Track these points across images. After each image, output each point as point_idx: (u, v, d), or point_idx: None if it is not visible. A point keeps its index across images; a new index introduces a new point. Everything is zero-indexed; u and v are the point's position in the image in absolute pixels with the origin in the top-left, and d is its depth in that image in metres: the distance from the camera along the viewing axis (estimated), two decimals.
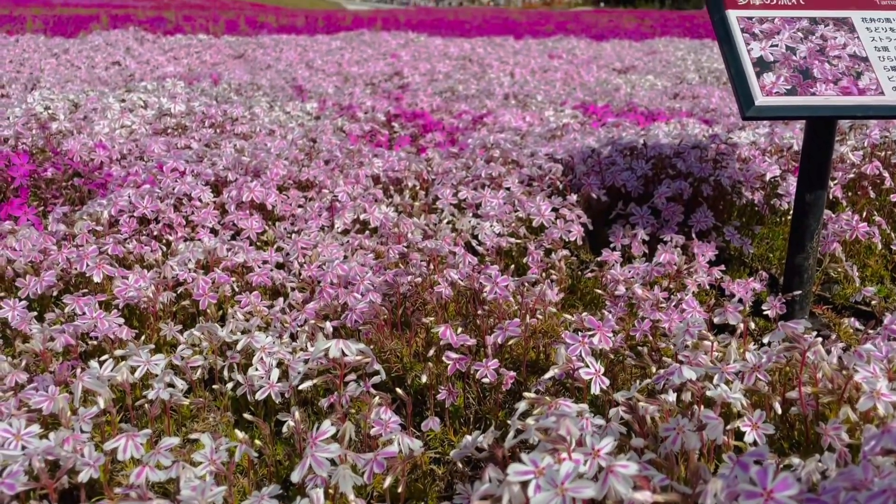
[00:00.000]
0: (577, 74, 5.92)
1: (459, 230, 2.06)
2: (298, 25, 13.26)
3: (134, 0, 30.97)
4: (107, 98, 2.94)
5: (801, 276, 1.96)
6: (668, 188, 2.15)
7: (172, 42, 6.71)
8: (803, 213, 1.90)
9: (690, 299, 1.68)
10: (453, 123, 3.17)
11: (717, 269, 1.98)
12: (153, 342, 1.57)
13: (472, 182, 2.28)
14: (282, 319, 1.55)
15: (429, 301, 1.54)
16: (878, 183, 2.35)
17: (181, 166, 2.14)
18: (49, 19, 11.39)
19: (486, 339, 1.38)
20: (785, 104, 1.66)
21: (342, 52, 6.04)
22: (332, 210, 2.09)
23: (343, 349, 1.26)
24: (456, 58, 6.11)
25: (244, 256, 1.75)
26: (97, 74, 5.02)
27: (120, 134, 2.63)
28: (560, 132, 2.83)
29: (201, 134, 2.58)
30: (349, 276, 1.60)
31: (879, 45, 1.77)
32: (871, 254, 2.24)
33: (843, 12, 1.83)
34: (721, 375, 1.22)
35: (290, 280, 1.76)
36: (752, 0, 1.83)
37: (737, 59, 1.73)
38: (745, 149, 2.44)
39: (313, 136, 2.75)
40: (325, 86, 4.66)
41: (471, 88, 4.57)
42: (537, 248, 1.99)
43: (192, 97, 3.12)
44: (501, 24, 15.44)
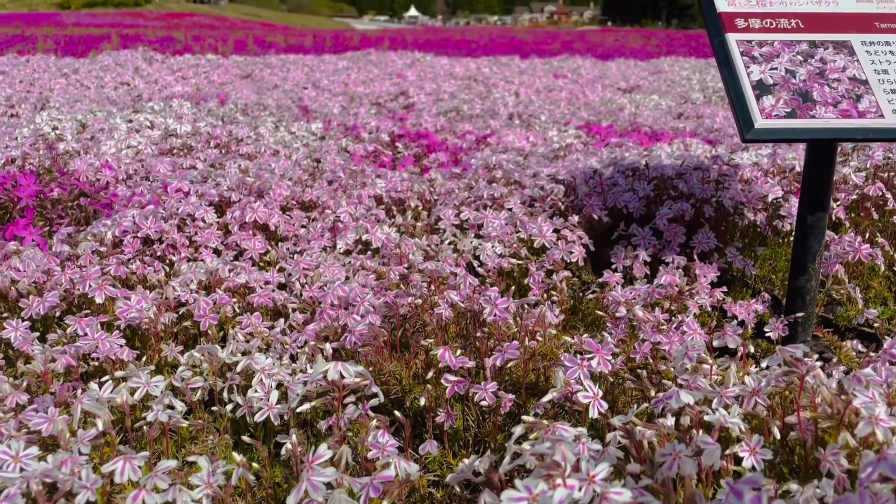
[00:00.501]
0: (582, 94, 5.95)
1: (461, 251, 2.07)
2: (306, 45, 13.40)
3: (145, 20, 31.41)
4: (114, 118, 2.97)
5: (803, 297, 1.96)
6: (669, 209, 2.15)
7: (181, 62, 6.79)
8: (805, 235, 1.90)
9: (691, 321, 1.68)
10: (457, 144, 3.19)
11: (719, 290, 1.98)
12: (154, 363, 1.57)
13: (474, 203, 2.29)
14: (282, 341, 1.56)
15: (429, 323, 1.54)
16: (881, 204, 2.35)
17: (185, 187, 2.16)
18: (60, 39, 11.55)
19: (485, 361, 1.38)
20: (784, 127, 1.67)
21: (348, 72, 6.10)
22: (334, 230, 2.10)
23: (342, 371, 1.26)
24: (461, 77, 6.16)
25: (246, 277, 1.76)
26: (106, 94, 5.07)
27: (126, 154, 2.66)
28: (563, 152, 2.84)
29: (206, 154, 2.61)
30: (349, 297, 1.60)
31: (879, 69, 1.77)
32: (875, 275, 2.24)
33: (842, 35, 1.84)
34: (720, 399, 1.22)
35: (292, 301, 1.76)
36: (752, 24, 1.85)
37: (736, 82, 1.74)
38: (748, 170, 2.44)
39: (317, 157, 2.77)
40: (330, 105, 4.69)
41: (475, 108, 4.60)
42: (539, 269, 2.00)
43: (199, 117, 3.15)
44: (508, 44, 15.55)
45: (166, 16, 35.34)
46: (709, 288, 1.98)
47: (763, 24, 1.85)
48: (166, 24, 28.78)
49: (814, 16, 1.88)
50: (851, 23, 1.87)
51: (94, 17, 32.34)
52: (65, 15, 32.79)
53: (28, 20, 27.81)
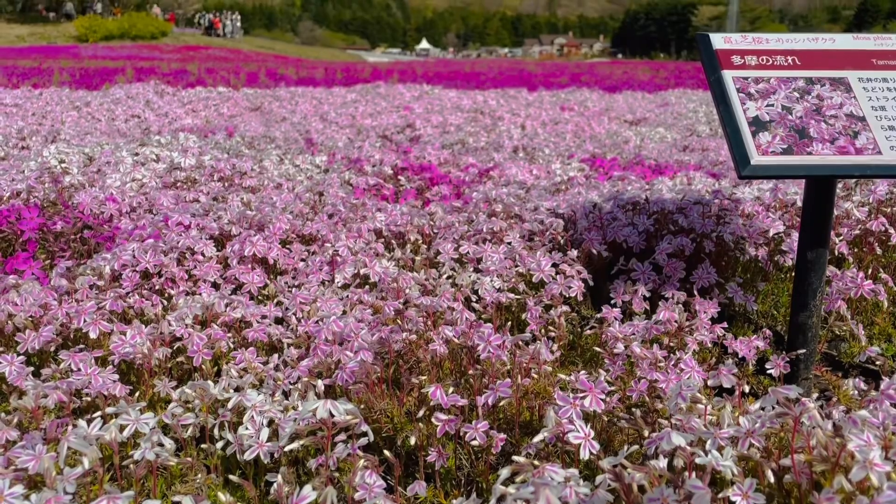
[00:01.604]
0: (588, 126, 5.98)
1: (459, 285, 2.07)
2: (317, 78, 13.58)
3: (161, 53, 31.97)
4: (120, 151, 3.01)
5: (804, 334, 1.94)
6: (669, 244, 2.14)
7: (191, 95, 6.89)
8: (805, 271, 1.89)
9: (689, 359, 1.66)
10: (460, 176, 3.20)
11: (719, 326, 1.96)
12: (147, 399, 1.57)
13: (473, 236, 2.29)
14: (275, 376, 1.55)
15: (422, 359, 1.53)
16: (884, 239, 2.33)
17: (186, 220, 2.18)
18: (76, 72, 11.76)
19: (477, 399, 1.36)
20: (780, 163, 1.66)
21: (356, 105, 6.17)
22: (332, 264, 2.10)
23: (331, 410, 1.26)
24: (468, 110, 6.21)
25: (242, 311, 1.76)
26: (117, 127, 5.15)
27: (131, 187, 2.69)
28: (565, 186, 2.84)
29: (209, 187, 2.63)
30: (344, 332, 1.60)
31: (876, 105, 1.77)
32: (879, 311, 2.21)
33: (839, 72, 1.84)
34: (714, 441, 1.20)
35: (288, 336, 1.76)
36: (748, 61, 1.86)
37: (732, 119, 1.74)
38: (749, 204, 2.44)
39: (320, 190, 2.79)
40: (337, 138, 4.74)
41: (481, 141, 4.63)
42: (537, 304, 1.99)
43: (205, 150, 3.19)
44: (517, 76, 15.69)
45: (182, 48, 35.98)
46: (709, 324, 1.96)
47: (759, 61, 1.86)
48: (182, 56, 29.28)
49: (810, 53, 1.88)
50: (848, 60, 1.87)
51: (111, 49, 32.97)
52: (83, 48, 33.45)
53: (46, 53, 28.38)
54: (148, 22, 43.27)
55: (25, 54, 27.15)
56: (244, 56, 33.83)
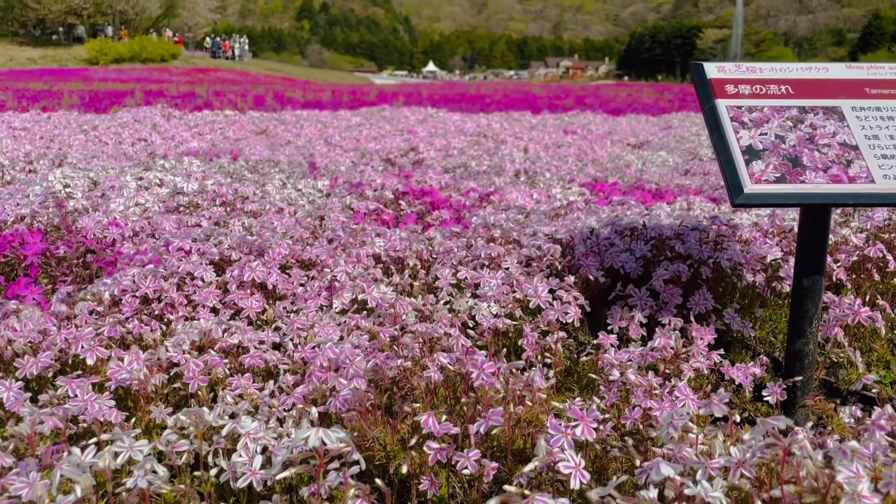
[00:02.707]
0: (591, 150, 6.01)
1: (456, 311, 2.07)
2: (324, 100, 13.70)
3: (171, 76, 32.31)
4: (125, 176, 3.05)
5: (801, 361, 1.94)
6: (665, 270, 2.15)
7: (198, 118, 6.97)
8: (801, 298, 1.90)
9: (683, 386, 1.66)
10: (461, 201, 3.22)
11: (716, 352, 1.96)
12: (143, 425, 1.58)
13: (472, 262, 2.30)
14: (269, 403, 1.56)
15: (416, 387, 1.54)
16: (882, 266, 2.33)
17: (186, 246, 2.20)
18: (85, 94, 11.90)
19: (470, 427, 1.37)
20: (774, 192, 1.68)
21: (360, 129, 6.22)
22: (331, 289, 2.11)
23: (323, 438, 1.26)
24: (471, 133, 6.26)
25: (240, 337, 1.77)
26: (124, 150, 5.21)
27: (134, 212, 2.72)
28: (564, 211, 2.86)
29: (211, 212, 2.66)
30: (339, 359, 1.61)
31: (870, 134, 1.79)
32: (878, 338, 2.21)
33: (832, 101, 1.86)
34: (704, 471, 1.20)
35: (284, 361, 1.77)
36: (742, 90, 1.88)
37: (726, 148, 1.76)
38: (747, 230, 2.45)
39: (321, 214, 2.81)
40: (341, 161, 4.78)
41: (483, 164, 4.66)
42: (534, 330, 1.99)
43: (208, 174, 3.22)
44: (522, 99, 15.80)
45: (191, 71, 36.39)
46: (706, 350, 1.97)
47: (753, 90, 1.88)
48: (191, 79, 29.60)
49: (804, 82, 1.90)
50: (842, 89, 1.89)
51: (121, 72, 33.37)
52: (93, 70, 33.87)
53: (57, 75, 28.74)
54: (158, 45, 43.83)
55: (37, 76, 27.50)
56: (253, 78, 34.19)
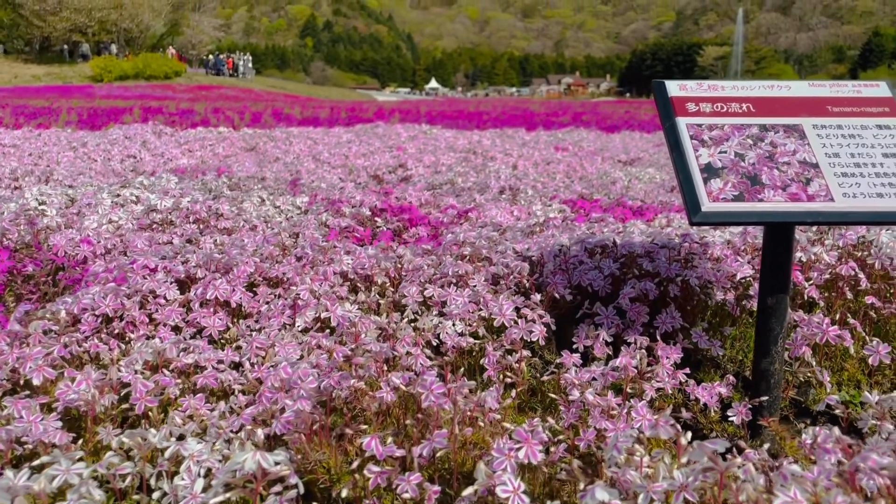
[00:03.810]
0: (581, 167, 6.01)
1: (421, 329, 2.06)
2: (321, 117, 13.76)
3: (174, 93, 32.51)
4: (102, 193, 3.05)
5: (767, 381, 1.92)
6: (632, 289, 2.13)
7: (189, 135, 6.99)
8: (766, 317, 1.88)
9: (641, 407, 1.64)
10: (439, 218, 3.22)
11: (681, 372, 1.94)
12: (91, 447, 1.56)
13: (440, 279, 2.29)
14: (217, 424, 1.54)
15: (366, 408, 1.52)
16: (854, 284, 2.31)
17: (152, 264, 2.19)
18: (84, 111, 11.97)
19: (414, 450, 1.35)
20: (731, 210, 1.66)
21: (350, 145, 6.24)
22: (294, 308, 2.10)
23: (260, 461, 1.24)
24: (461, 150, 6.26)
25: (195, 357, 1.76)
26: (112, 167, 5.22)
27: (107, 229, 2.71)
28: (539, 228, 2.85)
29: (184, 229, 2.65)
30: (291, 379, 1.59)
31: (830, 152, 1.78)
32: (849, 357, 2.18)
33: (793, 119, 1.85)
34: (647, 495, 1.18)
35: (240, 381, 1.75)
36: (703, 108, 1.87)
37: (685, 166, 1.75)
38: (719, 248, 2.43)
39: (296, 231, 2.80)
40: (328, 178, 4.78)
41: (469, 181, 4.65)
42: (497, 349, 1.97)
43: (187, 192, 3.22)
44: (520, 116, 15.86)
45: (194, 88, 36.60)
46: (672, 369, 1.95)
47: (714, 108, 1.87)
48: (194, 96, 29.77)
49: (765, 100, 1.90)
50: (803, 106, 1.88)
51: (125, 89, 33.57)
52: (97, 87, 34.08)
53: (61, 92, 28.92)
54: (162, 62, 44.15)
55: (41, 94, 27.68)
56: (255, 95, 34.37)
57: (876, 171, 1.74)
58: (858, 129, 1.83)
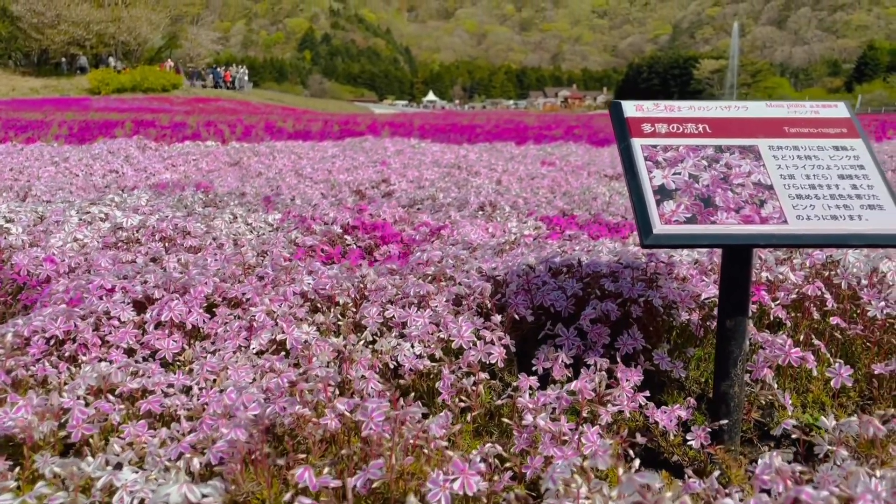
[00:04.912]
0: (566, 181, 6.00)
1: (378, 351, 2.03)
2: (314, 131, 13.77)
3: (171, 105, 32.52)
4: (71, 210, 3.02)
5: (727, 404, 1.89)
6: (593, 310, 2.11)
7: (173, 150, 6.97)
8: (725, 340, 1.86)
9: (592, 433, 1.61)
10: (412, 235, 3.19)
11: (642, 394, 1.92)
12: (27, 475, 1.52)
13: (402, 300, 2.26)
14: (156, 453, 1.51)
15: (308, 436, 1.49)
16: (821, 304, 2.29)
17: (108, 284, 2.16)
18: (75, 124, 11.95)
19: (349, 481, 1.32)
20: (683, 233, 1.64)
21: (334, 160, 6.22)
22: (250, 329, 2.07)
23: (187, 493, 1.22)
24: (446, 165, 6.25)
25: (143, 381, 1.73)
26: (93, 182, 5.20)
27: (71, 247, 2.69)
28: (509, 246, 2.83)
29: (149, 248, 2.62)
30: (235, 405, 1.56)
31: (785, 174, 1.76)
32: (814, 378, 2.16)
33: (749, 140, 1.84)
34: None
35: (188, 406, 1.72)
36: (658, 129, 1.86)
37: (638, 188, 1.73)
38: (686, 267, 2.41)
39: (265, 249, 2.78)
40: (310, 193, 4.76)
41: (450, 196, 4.64)
42: (455, 371, 1.95)
43: (159, 208, 3.19)
44: (513, 129, 15.88)
45: (192, 101, 36.65)
46: (631, 392, 1.92)
47: (670, 128, 1.86)
48: (191, 108, 29.78)
49: (722, 121, 1.88)
50: (760, 127, 1.87)
51: (122, 101, 33.59)
52: (94, 100, 34.11)
53: (58, 105, 28.93)
54: (160, 75, 44.25)
55: (37, 106, 27.70)
56: (253, 108, 34.40)
57: (831, 193, 1.72)
58: (815, 150, 1.81)
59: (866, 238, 1.65)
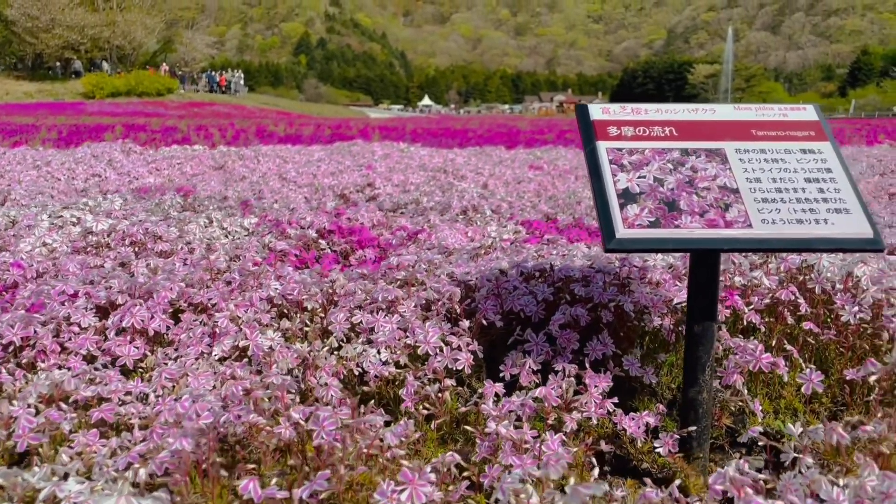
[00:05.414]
0: (552, 185, 5.98)
1: (344, 358, 2.00)
2: (305, 135, 13.74)
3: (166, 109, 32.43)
4: (43, 214, 2.99)
5: (696, 410, 1.86)
6: (562, 315, 2.08)
7: (157, 154, 6.93)
8: (693, 345, 1.83)
9: (552, 441, 1.58)
10: (389, 240, 3.16)
11: (610, 401, 1.89)
12: None
13: (370, 305, 2.23)
14: (104, 463, 1.47)
15: (259, 446, 1.45)
16: (795, 309, 2.27)
17: (70, 289, 2.13)
18: (65, 128, 11.90)
19: (294, 493, 1.29)
20: (646, 237, 1.62)
21: (320, 164, 6.19)
22: (214, 336, 2.04)
23: None
24: (433, 169, 6.23)
25: (96, 389, 1.69)
26: (75, 186, 5.16)
27: (40, 252, 2.65)
28: (484, 251, 2.80)
29: (118, 253, 2.59)
30: (188, 413, 1.53)
31: (752, 177, 1.73)
32: (787, 384, 2.13)
33: (716, 143, 1.81)
34: None
35: (143, 414, 1.69)
36: (625, 132, 1.83)
37: (603, 191, 1.70)
38: (659, 271, 2.38)
39: (238, 254, 2.75)
40: (293, 198, 4.73)
41: (433, 200, 4.61)
42: (420, 378, 1.92)
43: (133, 212, 3.16)
44: (505, 134, 15.87)
45: (187, 104, 36.61)
46: (600, 398, 1.89)
47: (636, 132, 1.83)
48: (186, 112, 29.73)
49: (689, 123, 1.86)
50: (728, 130, 1.84)
51: (116, 106, 33.52)
52: (88, 104, 34.04)
53: (52, 109, 28.83)
54: (154, 79, 44.20)
55: (31, 110, 27.60)
56: (248, 112, 34.36)
57: (797, 197, 1.70)
58: (782, 154, 1.79)
59: (831, 242, 1.63)
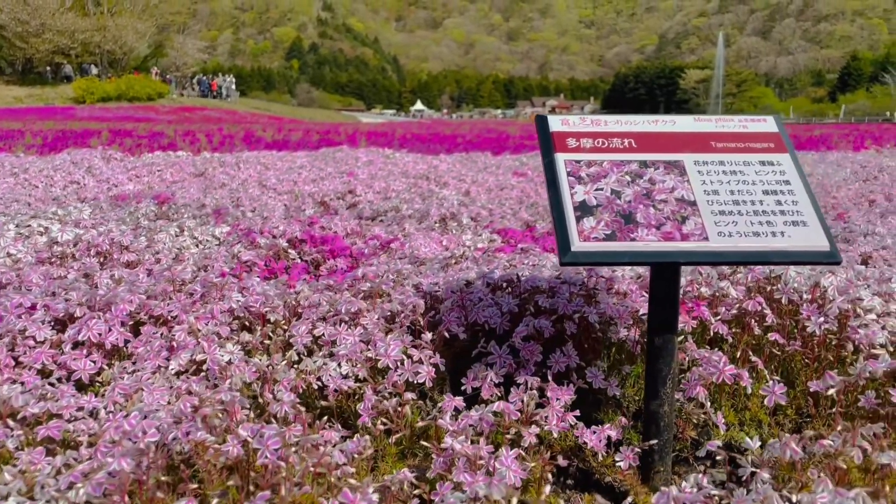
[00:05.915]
0: (535, 192, 5.97)
1: (304, 371, 1.97)
2: (293, 140, 13.70)
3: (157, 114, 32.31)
4: (10, 223, 2.95)
5: (657, 423, 1.85)
6: (525, 327, 2.06)
7: (137, 161, 6.88)
8: (654, 358, 1.81)
9: (506, 456, 1.56)
10: (362, 249, 3.14)
11: (572, 414, 1.87)
12: None
13: (334, 317, 2.21)
14: (46, 482, 1.44)
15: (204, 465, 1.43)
16: (761, 319, 2.26)
17: (28, 302, 2.10)
18: (49, 134, 11.83)
19: None
20: (601, 250, 1.60)
21: (301, 170, 6.16)
22: (172, 349, 2.01)
23: None
24: (415, 175, 6.21)
25: (45, 405, 1.66)
26: (53, 194, 5.12)
27: (4, 263, 2.62)
28: (455, 260, 2.78)
29: (82, 263, 2.56)
30: (134, 431, 1.50)
31: (709, 189, 1.72)
32: (752, 396, 2.12)
33: (675, 155, 1.80)
34: None
35: (93, 431, 1.66)
36: (584, 144, 1.82)
37: (559, 204, 1.69)
38: (626, 282, 2.37)
39: (206, 264, 2.72)
40: (272, 205, 4.70)
41: (413, 207, 4.59)
42: (379, 392, 1.89)
43: (106, 220, 3.12)
44: (494, 139, 15.88)
45: (178, 109, 36.48)
46: (562, 411, 1.87)
47: (595, 143, 1.82)
48: (177, 117, 29.61)
49: (648, 135, 1.84)
50: (687, 142, 1.83)
51: (106, 111, 33.37)
52: (79, 109, 33.87)
53: (42, 114, 28.68)
54: (145, 84, 44.05)
55: (20, 115, 27.46)
56: (239, 117, 34.26)
57: (755, 209, 1.69)
58: (741, 166, 1.78)
59: (788, 255, 1.62)
